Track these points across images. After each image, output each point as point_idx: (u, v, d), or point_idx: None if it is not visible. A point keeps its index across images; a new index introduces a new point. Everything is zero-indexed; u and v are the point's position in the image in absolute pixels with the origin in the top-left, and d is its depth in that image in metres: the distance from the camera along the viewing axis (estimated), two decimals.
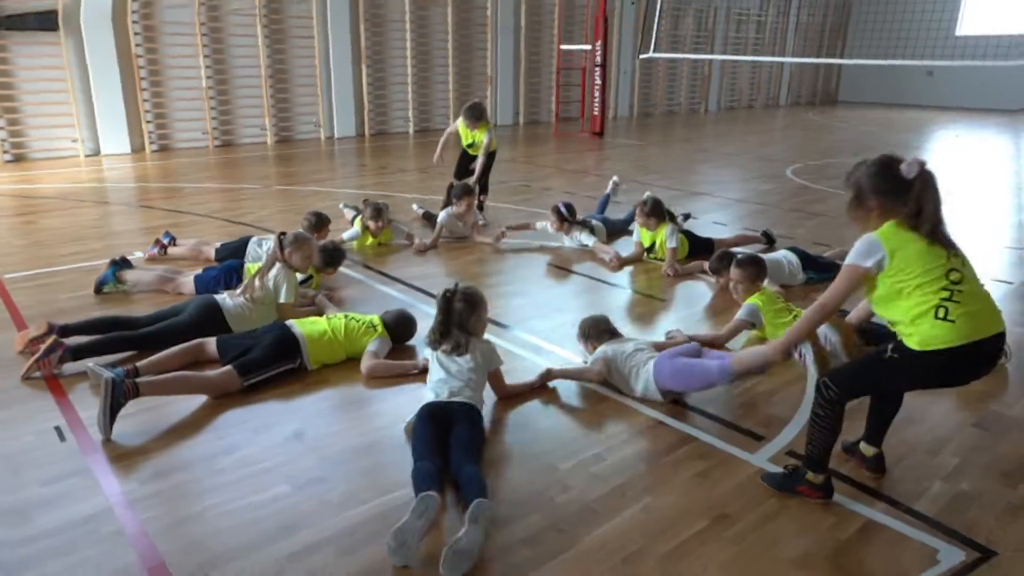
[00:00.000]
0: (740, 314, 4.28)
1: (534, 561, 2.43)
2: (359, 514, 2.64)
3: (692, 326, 4.55)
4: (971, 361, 2.51)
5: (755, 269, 4.46)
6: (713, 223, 7.11)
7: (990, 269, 5.79)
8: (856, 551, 2.51)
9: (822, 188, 9.18)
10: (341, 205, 7.30)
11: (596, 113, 14.26)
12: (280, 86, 12.96)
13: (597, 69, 14.10)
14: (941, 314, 2.44)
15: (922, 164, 2.47)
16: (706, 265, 5.24)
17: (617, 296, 5.17)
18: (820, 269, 5.30)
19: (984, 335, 2.46)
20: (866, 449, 2.97)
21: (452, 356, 3.23)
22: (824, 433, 2.68)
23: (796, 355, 3.93)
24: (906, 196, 2.48)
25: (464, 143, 7.40)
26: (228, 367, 3.54)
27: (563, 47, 15.30)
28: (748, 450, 3.10)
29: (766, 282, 4.71)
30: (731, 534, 2.58)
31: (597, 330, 3.86)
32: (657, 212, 5.70)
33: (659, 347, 3.75)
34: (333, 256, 5.11)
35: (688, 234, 5.96)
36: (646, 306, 4.98)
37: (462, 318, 3.26)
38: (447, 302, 3.28)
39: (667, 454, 3.09)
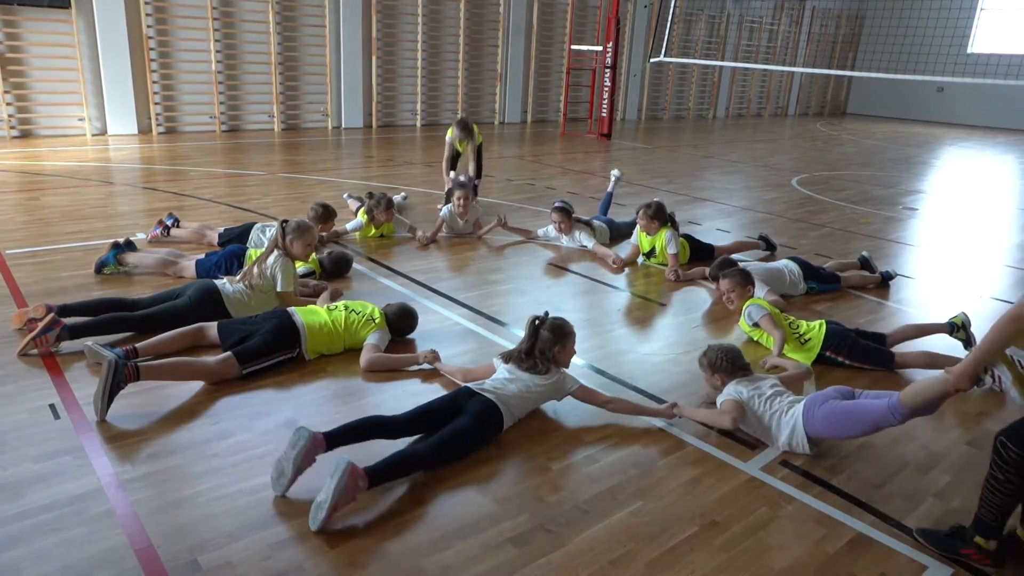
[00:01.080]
0: (754, 316, 4.25)
1: (520, 560, 2.43)
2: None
3: (690, 332, 4.55)
4: None
5: (742, 276, 4.62)
6: (716, 230, 7.10)
7: (990, 287, 5.79)
8: (846, 564, 2.50)
9: (827, 199, 9.16)
10: (345, 196, 7.30)
11: (604, 115, 14.23)
12: (290, 74, 12.96)
13: (607, 71, 14.09)
14: None
15: None
16: (707, 271, 5.24)
17: (616, 298, 5.17)
18: (822, 280, 5.30)
19: None
20: None
21: (526, 371, 3.31)
22: (1002, 499, 2.37)
23: (988, 380, 3.66)
24: None
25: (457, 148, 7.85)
26: (228, 354, 3.53)
27: (574, 47, 15.27)
28: (742, 459, 3.09)
29: (765, 291, 4.72)
30: (720, 542, 2.58)
31: (732, 366, 3.37)
32: (660, 216, 5.69)
33: (785, 382, 3.41)
34: (341, 266, 5.16)
35: (689, 239, 5.96)
36: (645, 310, 4.98)
37: (545, 346, 3.33)
38: (535, 330, 3.34)
39: (661, 458, 3.09)
